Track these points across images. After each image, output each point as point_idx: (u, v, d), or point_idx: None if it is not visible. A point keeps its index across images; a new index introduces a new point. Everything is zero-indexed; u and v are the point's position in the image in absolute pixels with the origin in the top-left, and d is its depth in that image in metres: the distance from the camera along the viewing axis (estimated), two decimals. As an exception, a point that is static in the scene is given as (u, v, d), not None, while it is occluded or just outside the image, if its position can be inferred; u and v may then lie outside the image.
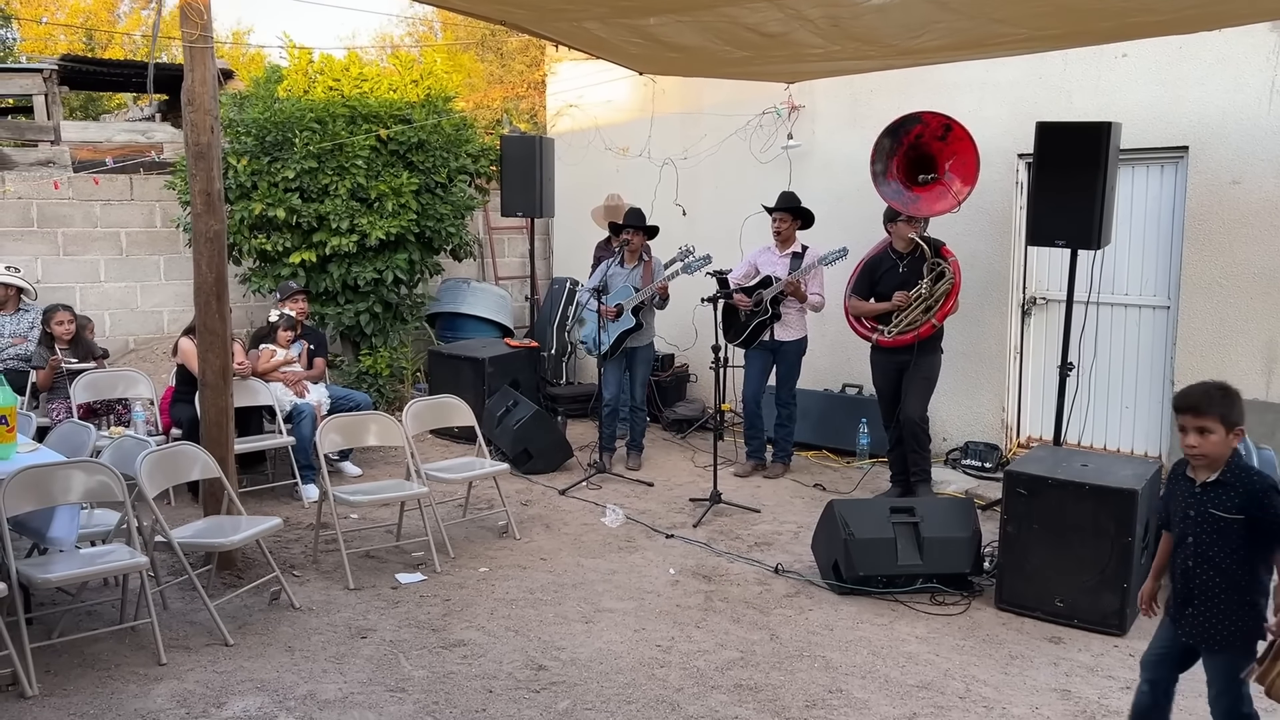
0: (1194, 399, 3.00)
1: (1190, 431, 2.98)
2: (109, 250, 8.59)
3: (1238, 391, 3.05)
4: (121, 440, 5.14)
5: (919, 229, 6.12)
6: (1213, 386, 3.04)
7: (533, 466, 7.12)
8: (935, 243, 6.10)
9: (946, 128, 5.98)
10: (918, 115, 6.11)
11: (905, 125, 6.12)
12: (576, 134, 9.86)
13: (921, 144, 6.07)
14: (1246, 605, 3.01)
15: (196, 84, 4.92)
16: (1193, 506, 3.06)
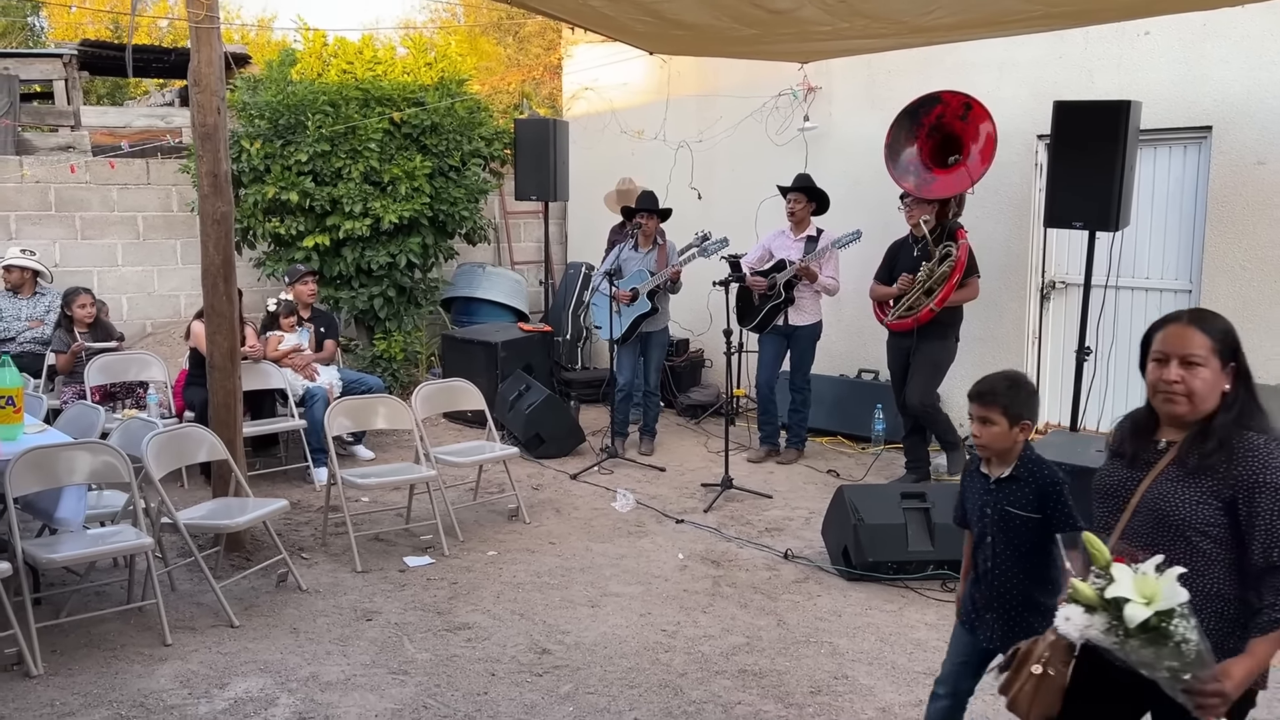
0: (980, 387, 2.82)
1: (975, 420, 2.81)
2: (126, 234, 8.63)
3: (1032, 386, 2.89)
4: (129, 422, 5.16)
5: (930, 211, 6.01)
6: (1001, 377, 2.86)
7: (544, 451, 7.10)
8: (952, 225, 6.00)
9: (967, 106, 5.87)
10: (937, 95, 6.01)
11: (925, 106, 6.02)
12: (592, 117, 9.80)
13: (944, 124, 5.95)
14: (1049, 609, 2.66)
15: (203, 65, 4.90)
16: (989, 504, 2.83)
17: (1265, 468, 2.16)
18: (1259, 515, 2.14)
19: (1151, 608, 1.99)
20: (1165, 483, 2.26)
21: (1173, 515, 2.22)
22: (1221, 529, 2.19)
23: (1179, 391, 2.22)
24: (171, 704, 3.72)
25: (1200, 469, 2.21)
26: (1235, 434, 2.20)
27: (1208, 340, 2.22)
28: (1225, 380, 2.24)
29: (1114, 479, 2.37)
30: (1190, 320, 2.27)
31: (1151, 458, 2.32)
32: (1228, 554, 2.19)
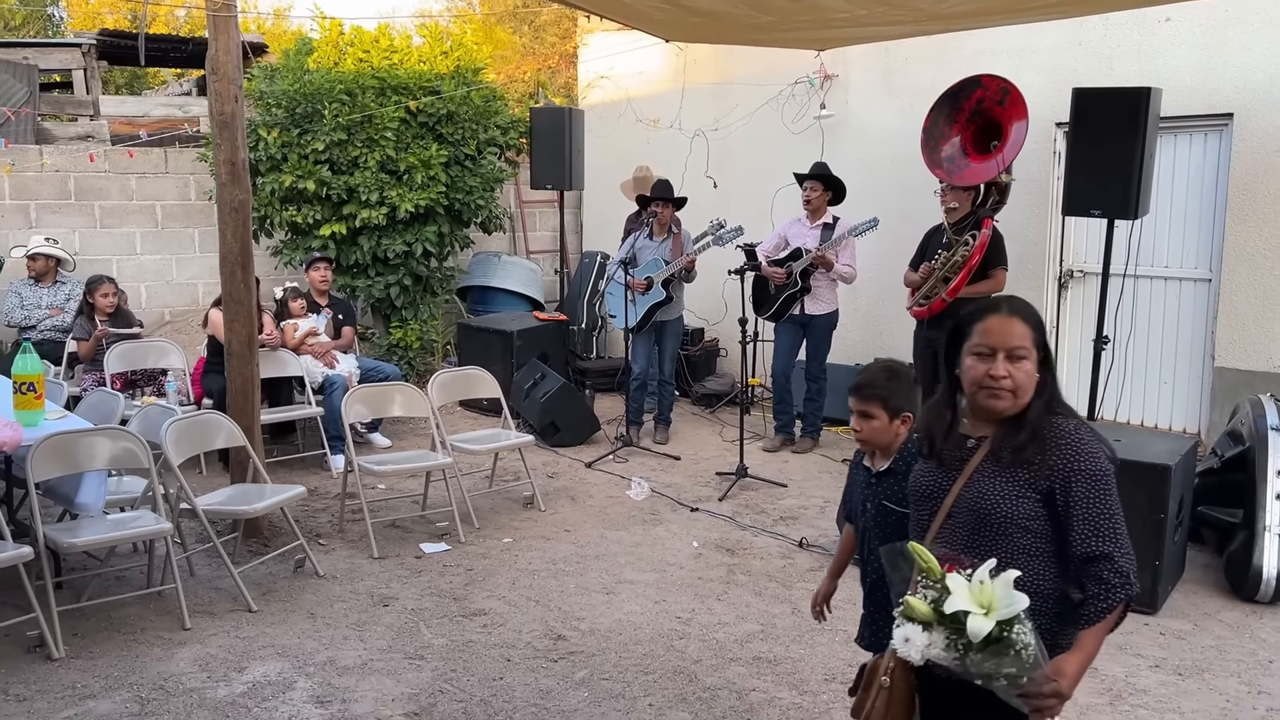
0: (859, 381, 2.73)
1: (855, 415, 2.72)
2: (145, 223, 8.68)
3: (912, 376, 2.81)
4: (148, 409, 5.20)
5: (963, 198, 5.92)
6: (880, 369, 2.77)
7: (560, 439, 7.12)
8: (981, 215, 5.90)
9: (1005, 91, 5.77)
10: (977, 79, 5.90)
11: (966, 89, 5.92)
12: (607, 106, 9.79)
13: (984, 109, 5.86)
14: None
15: (220, 53, 4.92)
16: (869, 498, 2.73)
17: (1079, 454, 2.09)
18: (1076, 503, 2.07)
19: (992, 618, 1.90)
20: (981, 480, 2.16)
21: (993, 513, 2.13)
22: (1041, 521, 2.11)
23: (1005, 387, 2.11)
24: (191, 687, 3.75)
25: (1015, 462, 2.12)
26: (1046, 422, 2.12)
27: (1029, 331, 2.14)
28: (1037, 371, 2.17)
29: (927, 481, 2.27)
30: (1012, 311, 2.16)
31: (963, 456, 2.21)
32: (1049, 547, 2.12)
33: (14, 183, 8.09)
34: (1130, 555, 2.08)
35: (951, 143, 5.95)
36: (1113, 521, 2.08)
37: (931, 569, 2.00)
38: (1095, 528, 2.06)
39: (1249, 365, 6.11)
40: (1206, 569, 4.96)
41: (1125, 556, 2.07)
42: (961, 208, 5.93)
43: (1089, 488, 2.07)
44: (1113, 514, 2.08)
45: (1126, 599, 2.07)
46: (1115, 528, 2.08)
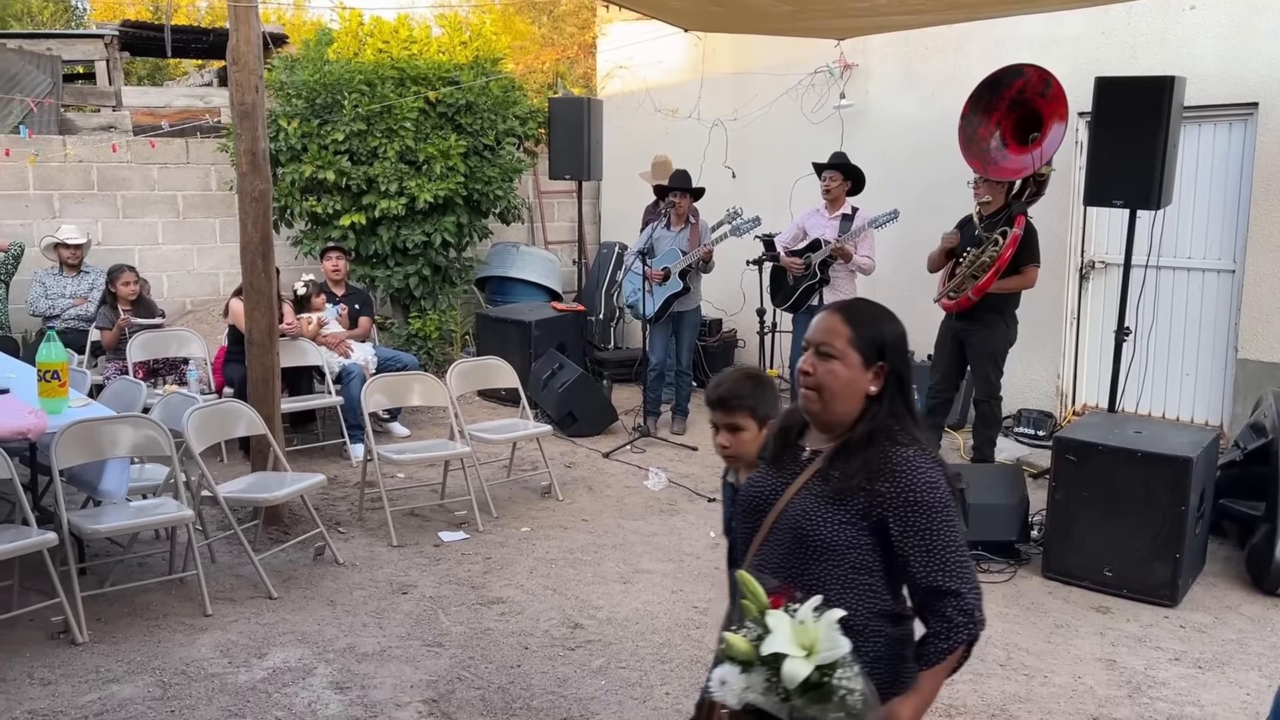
0: (721, 394, 2.53)
1: (721, 430, 2.54)
2: (166, 213, 8.74)
3: (771, 380, 2.66)
4: (170, 397, 5.24)
5: (996, 192, 5.83)
6: (743, 378, 2.59)
7: (577, 429, 7.13)
8: (1015, 210, 5.80)
9: (1047, 83, 5.66)
10: (1019, 68, 5.81)
11: (1006, 78, 5.83)
12: (626, 96, 9.77)
13: (1025, 99, 5.77)
14: None
15: (241, 44, 4.94)
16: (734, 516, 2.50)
17: (914, 484, 1.92)
18: (914, 536, 1.91)
19: (812, 661, 1.73)
20: (808, 499, 1.99)
21: (813, 536, 1.96)
22: (864, 553, 1.94)
23: (808, 384, 1.99)
24: (212, 672, 3.79)
25: (844, 490, 1.96)
26: (878, 447, 1.95)
27: (848, 331, 1.98)
28: (871, 383, 1.99)
29: (756, 490, 2.10)
30: (838, 309, 2.04)
31: (796, 467, 2.06)
32: (872, 580, 1.96)
33: (38, 173, 8.16)
34: (977, 591, 1.94)
35: (991, 133, 5.85)
36: (956, 555, 1.93)
37: (753, 600, 1.79)
38: (938, 562, 1.91)
39: (1272, 357, 6.06)
40: (1228, 562, 4.93)
41: (972, 592, 1.93)
42: (995, 201, 5.81)
43: (926, 519, 1.91)
44: (956, 547, 1.93)
45: (970, 639, 1.95)
46: (959, 561, 1.93)
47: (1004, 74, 5.84)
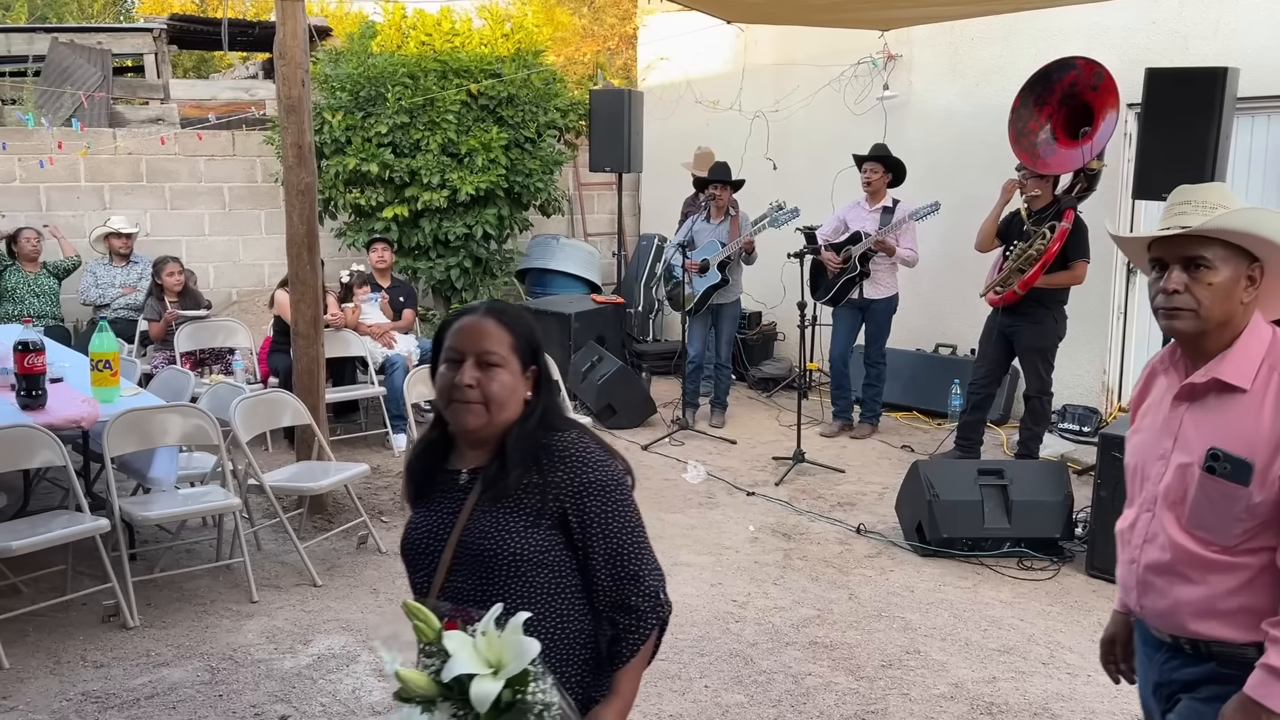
0: None
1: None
2: (213, 204, 8.87)
3: None
4: (217, 387, 5.33)
5: (1042, 186, 5.76)
6: None
7: (616, 422, 7.15)
8: (1064, 203, 5.73)
9: (1099, 75, 5.59)
10: (1071, 60, 5.72)
11: (1058, 70, 5.75)
12: (667, 87, 9.76)
13: (1077, 92, 5.69)
14: None
15: (288, 38, 5.00)
16: None
17: (585, 465, 1.84)
18: (593, 522, 1.81)
19: (502, 676, 1.56)
20: (481, 519, 1.83)
21: (501, 555, 1.80)
22: (559, 552, 1.82)
23: (473, 399, 1.82)
24: (259, 658, 3.86)
25: (518, 491, 1.82)
26: (541, 439, 1.85)
27: (508, 337, 1.86)
28: (526, 386, 1.89)
29: (421, 531, 1.91)
30: (488, 313, 1.89)
31: (458, 495, 1.89)
32: (574, 580, 1.84)
33: (89, 165, 8.31)
34: (658, 573, 1.87)
35: (1041, 126, 5.77)
36: (635, 536, 1.85)
37: (424, 627, 1.61)
38: (617, 546, 1.83)
39: (1326, 354, 5.92)
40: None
41: (653, 575, 1.86)
42: (1044, 195, 5.74)
43: (601, 501, 1.82)
44: (633, 528, 1.85)
45: (660, 623, 1.88)
46: (638, 543, 1.86)
47: (1054, 67, 5.76)
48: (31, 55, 9.95)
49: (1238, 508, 1.87)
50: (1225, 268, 1.89)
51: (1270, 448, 1.85)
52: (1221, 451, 1.89)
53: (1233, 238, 1.89)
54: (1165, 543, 1.98)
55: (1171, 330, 1.93)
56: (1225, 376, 1.91)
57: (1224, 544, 1.91)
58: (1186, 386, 1.97)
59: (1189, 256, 1.90)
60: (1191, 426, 1.96)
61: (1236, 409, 1.90)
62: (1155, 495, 2.02)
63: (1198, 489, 1.92)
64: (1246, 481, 1.86)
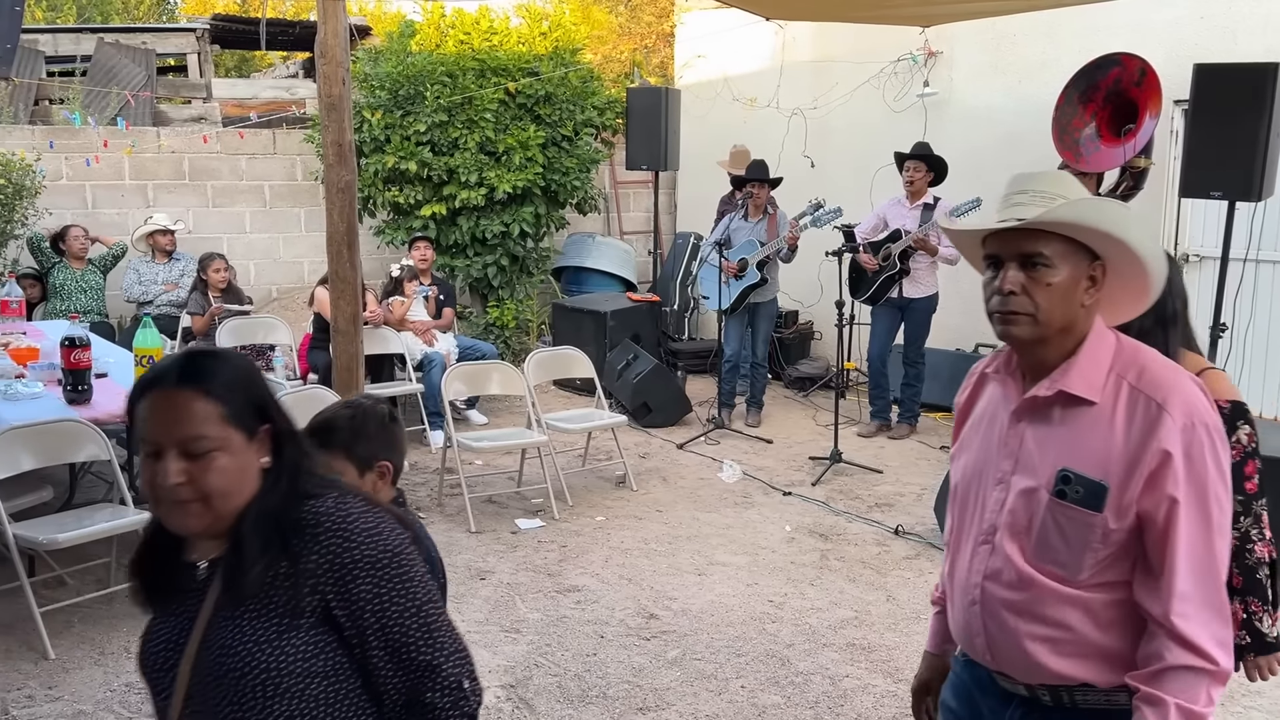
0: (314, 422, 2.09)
1: None
2: (254, 202, 8.97)
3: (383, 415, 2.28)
4: (259, 383, 5.38)
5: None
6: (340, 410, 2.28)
7: (651, 420, 7.14)
8: None
9: (1142, 72, 5.51)
10: (1114, 57, 5.65)
11: (1103, 67, 5.68)
12: (703, 85, 9.73)
13: (1121, 89, 5.61)
14: None
15: (329, 37, 5.03)
16: None
17: (346, 539, 1.44)
18: (365, 610, 1.44)
19: None
20: (222, 629, 1.44)
21: (247, 673, 1.42)
22: (330, 656, 1.44)
23: (188, 498, 1.41)
24: (298, 652, 3.89)
25: (262, 588, 1.43)
26: (289, 514, 1.45)
27: (217, 408, 1.43)
28: (260, 452, 1.48)
29: (157, 643, 1.51)
30: (182, 380, 1.43)
31: (195, 592, 1.49)
32: (350, 685, 1.47)
33: (133, 163, 8.43)
34: (459, 656, 1.51)
35: (1086, 124, 5.69)
36: (421, 618, 1.47)
37: None
38: (401, 634, 1.46)
39: (1379, 356, 5.79)
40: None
41: (452, 661, 1.50)
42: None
43: (374, 581, 1.44)
44: (419, 607, 1.47)
45: (469, 716, 1.52)
46: (428, 625, 1.48)
47: (1097, 64, 5.67)
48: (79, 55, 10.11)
49: (1092, 537, 1.64)
50: (1065, 266, 1.66)
51: (1125, 468, 1.62)
52: (1072, 473, 1.65)
53: (1073, 232, 1.66)
54: (1013, 578, 1.72)
55: (1007, 336, 1.71)
56: (1072, 388, 1.67)
57: (1076, 577, 1.67)
58: (1028, 401, 1.73)
59: (1025, 253, 1.67)
60: (1035, 446, 1.72)
61: (1086, 424, 1.67)
62: (995, 525, 1.76)
63: (1046, 516, 1.68)
64: (1100, 507, 1.63)
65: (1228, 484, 1.62)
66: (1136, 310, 1.77)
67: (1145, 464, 1.60)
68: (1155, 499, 1.60)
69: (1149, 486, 1.60)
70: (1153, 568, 1.62)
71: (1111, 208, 1.68)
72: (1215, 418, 1.64)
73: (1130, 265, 1.68)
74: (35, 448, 3.98)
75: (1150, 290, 1.72)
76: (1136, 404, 1.63)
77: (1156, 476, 1.60)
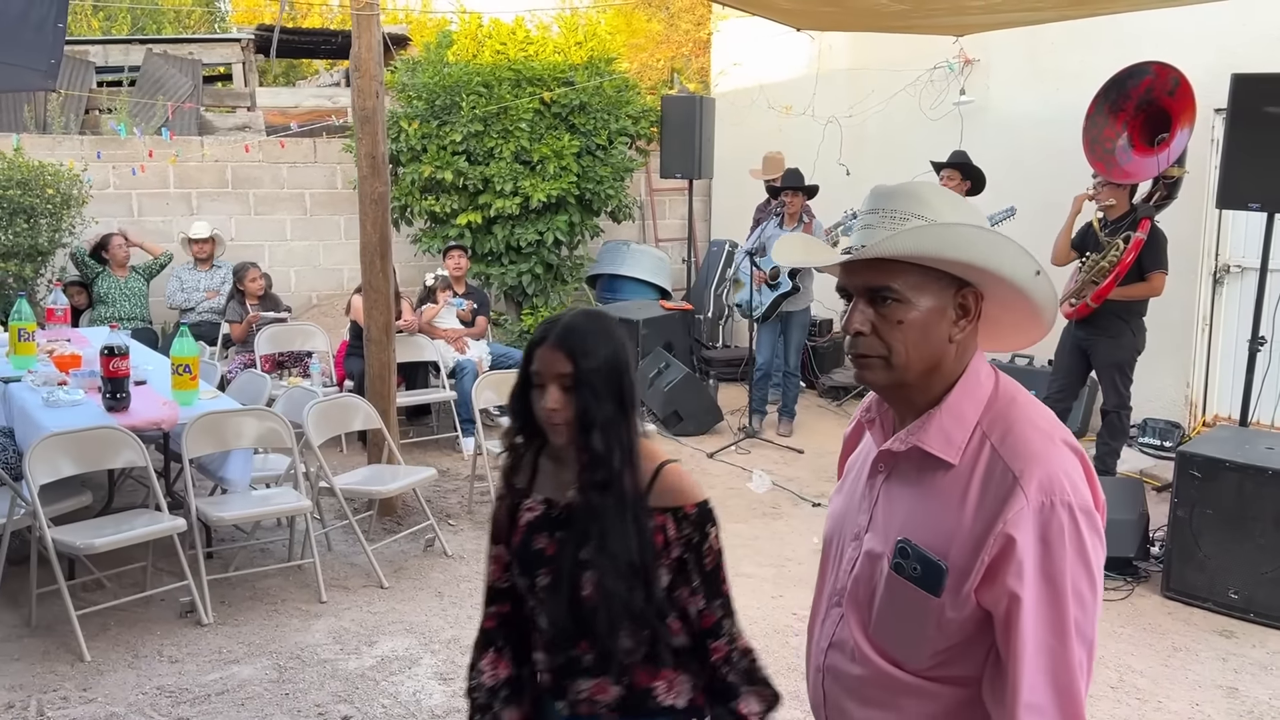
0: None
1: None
2: (294, 210, 9.11)
3: None
4: (292, 390, 5.48)
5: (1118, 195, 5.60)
6: None
7: (682, 429, 7.15)
8: (1141, 212, 5.56)
9: (1176, 82, 5.43)
10: (1147, 65, 5.57)
11: (1135, 76, 5.60)
12: (739, 93, 9.73)
13: (1154, 98, 5.54)
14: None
15: (363, 50, 5.12)
16: None
17: None
18: None
19: None
20: None
21: None
22: None
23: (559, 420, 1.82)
24: (325, 658, 3.96)
25: None
26: None
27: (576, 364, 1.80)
28: None
29: None
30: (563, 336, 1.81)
31: None
32: None
33: (178, 172, 8.61)
34: None
35: (1118, 134, 5.61)
36: None
37: None
38: None
39: None
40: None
41: None
42: (1119, 205, 5.57)
43: None
44: None
45: None
46: None
47: (1128, 73, 5.60)
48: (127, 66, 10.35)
49: (928, 623, 1.40)
50: (922, 299, 1.41)
51: (968, 550, 1.36)
52: (911, 546, 1.41)
53: (920, 260, 1.39)
54: (854, 653, 1.50)
55: (862, 381, 1.50)
56: (929, 445, 1.42)
57: (916, 665, 1.44)
58: (886, 454, 1.50)
59: (872, 287, 1.42)
60: (886, 505, 1.49)
61: (939, 489, 1.42)
62: (845, 587, 1.54)
63: (885, 590, 1.45)
64: (937, 590, 1.38)
65: (1094, 576, 1.37)
66: (1036, 337, 1.54)
67: (988, 549, 1.34)
68: (995, 593, 1.35)
69: (989, 577, 1.35)
70: (999, 670, 1.37)
71: (973, 233, 1.39)
72: (1085, 497, 1.37)
73: (1005, 290, 1.43)
74: (75, 454, 4.09)
75: (1041, 315, 1.47)
76: (994, 472, 1.38)
77: (997, 566, 1.34)
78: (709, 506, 1.86)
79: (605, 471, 1.75)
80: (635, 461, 1.79)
